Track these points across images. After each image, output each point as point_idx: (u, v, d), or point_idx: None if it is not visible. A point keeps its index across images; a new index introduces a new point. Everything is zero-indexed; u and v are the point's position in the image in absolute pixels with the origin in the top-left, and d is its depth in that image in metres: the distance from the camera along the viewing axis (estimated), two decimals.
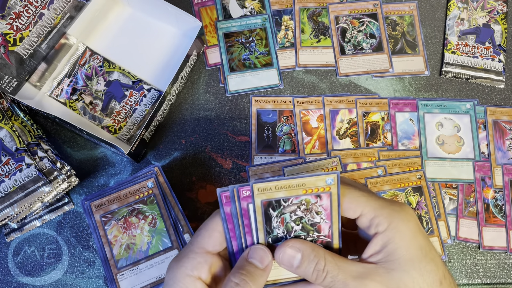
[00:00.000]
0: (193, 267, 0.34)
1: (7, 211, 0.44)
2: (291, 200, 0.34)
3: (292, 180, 0.34)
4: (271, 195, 0.34)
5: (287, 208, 0.35)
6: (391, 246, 0.32)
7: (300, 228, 0.35)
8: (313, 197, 0.34)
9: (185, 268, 0.34)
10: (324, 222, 0.35)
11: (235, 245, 0.35)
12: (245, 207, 0.34)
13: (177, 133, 0.52)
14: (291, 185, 0.34)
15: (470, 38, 0.56)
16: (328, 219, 0.35)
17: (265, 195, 0.34)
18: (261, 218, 0.34)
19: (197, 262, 0.34)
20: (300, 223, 0.35)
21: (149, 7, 0.53)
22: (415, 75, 0.54)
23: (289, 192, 0.34)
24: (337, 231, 0.36)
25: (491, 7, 0.57)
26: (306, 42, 0.55)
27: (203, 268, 0.34)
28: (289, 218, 0.35)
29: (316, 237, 0.36)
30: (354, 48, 0.55)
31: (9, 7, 0.46)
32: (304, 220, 0.35)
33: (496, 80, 0.54)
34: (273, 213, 0.35)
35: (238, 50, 0.55)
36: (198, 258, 0.34)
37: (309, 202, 0.35)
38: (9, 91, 0.47)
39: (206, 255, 0.34)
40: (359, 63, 0.55)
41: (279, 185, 0.34)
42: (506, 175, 0.50)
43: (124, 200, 0.47)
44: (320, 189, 0.34)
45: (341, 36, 0.56)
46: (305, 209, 0.35)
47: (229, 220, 0.35)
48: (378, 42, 0.55)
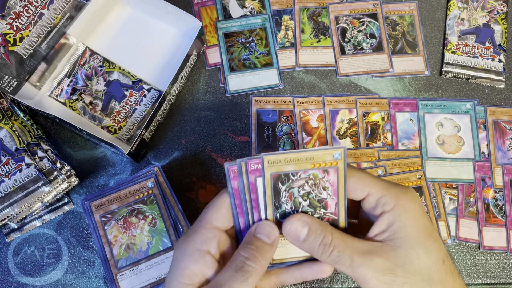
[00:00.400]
0: (203, 241, 0.34)
1: (7, 211, 0.44)
2: (299, 174, 0.35)
3: (301, 153, 0.34)
4: (281, 168, 0.34)
5: (296, 182, 0.35)
6: (397, 225, 0.33)
7: (308, 204, 0.35)
8: (320, 172, 0.35)
9: (195, 243, 0.34)
10: (331, 198, 0.35)
11: (242, 222, 0.35)
12: (253, 181, 0.35)
13: (177, 133, 0.52)
14: (300, 158, 0.34)
15: (470, 38, 0.56)
16: (334, 195, 0.35)
17: (274, 168, 0.34)
18: (270, 192, 0.35)
19: (206, 237, 0.34)
20: (307, 199, 0.35)
21: (149, 7, 0.53)
22: (415, 75, 0.54)
23: (298, 166, 0.34)
24: (343, 208, 0.36)
25: (491, 7, 0.57)
26: (306, 42, 0.55)
27: (212, 243, 0.34)
28: (297, 193, 0.35)
29: (322, 214, 0.36)
30: (354, 48, 0.55)
31: (9, 7, 0.46)
32: (311, 195, 0.35)
33: (496, 80, 0.54)
34: (281, 187, 0.35)
35: (238, 50, 0.55)
36: (207, 233, 0.34)
37: (316, 176, 0.35)
38: (9, 91, 0.47)
39: (214, 230, 0.35)
40: (359, 63, 0.55)
41: (288, 158, 0.34)
42: (506, 175, 0.50)
43: (124, 200, 0.47)
44: (327, 164, 0.34)
45: (341, 36, 0.56)
46: (313, 184, 0.35)
47: (237, 195, 0.35)
48: (378, 42, 0.55)
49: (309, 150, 0.34)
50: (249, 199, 0.35)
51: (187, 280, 0.33)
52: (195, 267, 0.34)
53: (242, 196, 0.35)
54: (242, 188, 0.35)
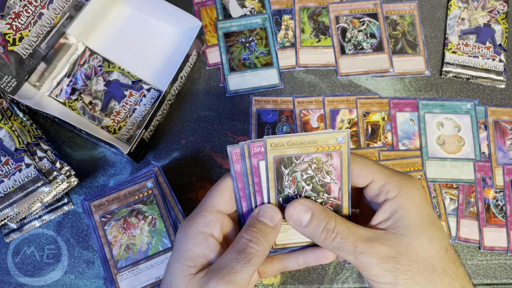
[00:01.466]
0: (206, 224, 0.34)
1: (6, 211, 0.44)
2: (302, 158, 0.34)
3: (304, 136, 0.34)
4: (284, 151, 0.34)
5: (299, 166, 0.34)
6: (401, 212, 0.33)
7: (311, 188, 0.35)
8: (324, 156, 0.34)
9: (198, 225, 0.34)
10: (334, 183, 0.35)
11: (245, 206, 0.35)
12: (256, 164, 0.34)
13: (177, 133, 0.52)
14: (303, 141, 0.34)
15: (471, 38, 0.55)
16: (338, 179, 0.35)
17: (277, 151, 0.34)
18: (273, 176, 0.34)
19: (209, 220, 0.34)
20: (310, 183, 0.35)
21: (148, 7, 0.53)
22: (416, 75, 0.54)
23: (301, 149, 0.34)
24: (346, 193, 0.35)
25: (491, 7, 0.56)
26: (306, 42, 0.55)
27: (215, 225, 0.34)
28: (300, 177, 0.35)
29: (326, 199, 0.35)
30: (355, 47, 0.55)
31: (8, 6, 0.46)
32: (314, 180, 0.35)
33: (497, 80, 0.54)
34: (284, 171, 0.34)
35: (238, 50, 0.55)
36: (210, 216, 0.34)
37: (320, 160, 0.34)
38: (8, 91, 0.47)
39: (217, 213, 0.35)
40: (359, 63, 0.54)
41: (291, 141, 0.34)
42: (507, 175, 0.50)
43: (124, 200, 0.46)
44: (331, 147, 0.34)
45: (342, 35, 0.56)
46: (316, 168, 0.35)
47: (239, 179, 0.35)
48: (379, 41, 0.55)
49: (313, 134, 0.34)
50: (252, 183, 0.35)
51: (189, 262, 0.33)
52: (197, 249, 0.34)
53: (245, 180, 0.35)
54: (245, 172, 0.34)
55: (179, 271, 0.33)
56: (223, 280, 0.31)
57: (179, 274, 0.33)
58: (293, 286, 0.47)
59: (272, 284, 0.47)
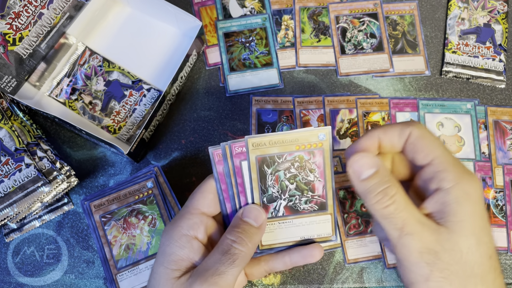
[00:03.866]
0: (189, 226, 0.34)
1: (6, 211, 0.44)
2: (285, 157, 0.34)
3: (286, 134, 0.34)
4: (265, 150, 0.34)
5: (281, 165, 0.34)
6: (454, 207, 0.30)
7: (295, 187, 0.35)
8: (306, 154, 0.34)
9: (181, 228, 0.34)
10: (318, 180, 0.35)
11: (229, 207, 0.35)
12: (238, 164, 0.34)
13: (177, 133, 0.52)
14: (284, 140, 0.34)
15: (471, 37, 0.55)
16: (321, 177, 0.35)
17: (259, 151, 0.34)
18: (256, 176, 0.34)
19: (193, 222, 0.34)
20: (294, 182, 0.35)
21: (148, 7, 0.53)
22: (416, 75, 0.54)
23: (283, 148, 0.34)
24: (331, 191, 0.35)
25: (491, 7, 0.56)
26: (306, 42, 0.55)
27: (199, 228, 0.34)
28: (283, 176, 0.35)
29: (310, 197, 0.35)
30: (355, 47, 0.55)
31: (8, 6, 0.46)
32: (298, 178, 0.35)
33: (497, 80, 0.54)
34: (267, 170, 0.34)
35: (238, 50, 0.55)
36: (193, 218, 0.34)
37: (302, 158, 0.34)
38: (8, 91, 0.47)
39: (201, 215, 0.34)
40: (359, 62, 0.54)
41: (273, 140, 0.34)
42: (507, 175, 0.50)
43: (124, 200, 0.46)
44: (312, 145, 0.34)
45: (342, 35, 0.56)
46: (299, 166, 0.35)
47: (222, 180, 0.34)
48: (379, 41, 0.55)
49: (294, 132, 0.34)
50: (235, 183, 0.34)
51: (173, 265, 0.33)
52: (181, 252, 0.33)
53: (228, 181, 0.34)
54: (228, 172, 0.34)
55: (163, 275, 0.33)
56: (207, 282, 0.31)
57: (163, 278, 0.33)
58: (293, 286, 0.47)
59: (272, 284, 0.47)
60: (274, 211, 0.36)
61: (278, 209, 0.36)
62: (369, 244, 0.48)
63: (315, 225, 0.37)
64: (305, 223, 0.36)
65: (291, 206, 0.36)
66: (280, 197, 0.35)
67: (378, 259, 0.48)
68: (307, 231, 0.37)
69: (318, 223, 0.37)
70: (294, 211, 0.36)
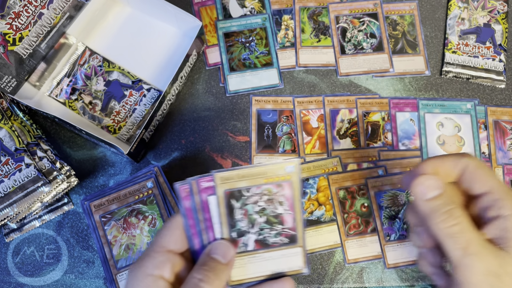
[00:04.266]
0: (154, 266, 0.33)
1: (6, 211, 0.44)
2: (253, 190, 0.34)
3: (253, 168, 0.34)
4: (233, 184, 0.34)
5: (250, 198, 0.34)
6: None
7: (264, 220, 0.35)
8: (274, 186, 0.34)
9: (146, 268, 0.33)
10: (288, 213, 0.35)
11: (197, 243, 0.35)
12: (205, 199, 0.34)
13: (177, 133, 0.52)
14: (252, 174, 0.34)
15: (471, 37, 0.55)
16: (291, 209, 0.35)
17: (227, 185, 0.34)
18: (224, 210, 0.34)
19: (159, 261, 0.33)
20: (263, 215, 0.35)
21: (148, 7, 0.53)
22: (416, 75, 0.54)
23: (251, 182, 0.34)
24: (300, 223, 0.35)
25: (491, 7, 0.56)
26: (306, 42, 0.55)
27: (165, 267, 0.33)
28: (252, 210, 0.34)
29: (280, 230, 0.35)
30: (355, 47, 0.55)
31: (8, 6, 0.46)
32: (267, 211, 0.35)
33: (497, 80, 0.54)
34: (236, 204, 0.34)
35: (238, 50, 0.55)
36: (159, 257, 0.33)
37: (271, 191, 0.34)
38: (8, 91, 0.47)
39: (167, 253, 0.34)
40: (359, 63, 0.54)
41: (240, 173, 0.34)
42: (507, 175, 0.50)
43: (124, 200, 0.46)
44: (280, 178, 0.34)
45: (342, 35, 0.56)
46: (268, 200, 0.34)
47: (189, 215, 0.34)
48: (379, 41, 0.55)
49: (261, 165, 0.34)
50: (203, 219, 0.34)
51: None
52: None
53: (195, 216, 0.34)
54: (195, 208, 0.34)
55: None
56: None
57: None
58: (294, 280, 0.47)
59: None
60: (243, 245, 0.35)
61: (248, 243, 0.35)
62: (369, 244, 0.48)
63: (286, 259, 0.36)
64: (276, 256, 0.36)
65: (261, 240, 0.36)
66: (250, 231, 0.35)
67: (378, 259, 0.48)
68: (278, 264, 0.36)
69: (288, 256, 0.36)
70: (264, 245, 0.36)
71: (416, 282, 0.47)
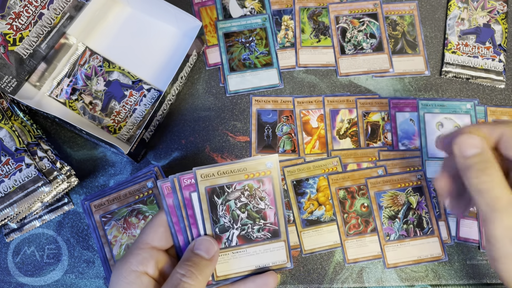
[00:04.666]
0: (138, 262, 0.33)
1: (6, 211, 0.44)
2: (234, 186, 0.35)
3: (234, 164, 0.34)
4: (214, 181, 0.34)
5: (231, 194, 0.35)
6: None
7: (246, 215, 0.35)
8: (255, 182, 0.35)
9: (130, 264, 0.33)
10: (269, 208, 0.36)
11: (181, 239, 0.35)
12: (188, 196, 0.34)
13: (177, 133, 0.52)
14: (233, 170, 0.34)
15: (471, 38, 0.55)
16: (272, 204, 0.36)
17: (208, 182, 0.34)
18: (207, 207, 0.34)
19: (142, 258, 0.34)
20: (245, 210, 0.35)
21: (149, 7, 0.53)
22: (416, 75, 0.54)
23: (232, 178, 0.35)
24: (282, 218, 0.36)
25: (491, 7, 0.57)
26: (306, 42, 0.55)
27: (149, 263, 0.33)
28: (234, 206, 0.35)
29: (262, 225, 0.36)
30: (354, 48, 0.55)
31: (8, 7, 0.46)
32: (249, 207, 0.35)
33: (497, 80, 0.54)
34: (218, 201, 0.35)
35: (238, 50, 0.55)
36: (143, 253, 0.34)
37: (252, 187, 0.35)
38: (8, 91, 0.47)
39: (151, 250, 0.34)
40: (359, 63, 0.55)
41: (221, 170, 0.34)
42: None
43: (124, 200, 0.47)
44: (261, 173, 0.35)
45: (341, 36, 0.56)
46: (249, 195, 0.35)
47: (173, 212, 0.34)
48: (379, 42, 0.55)
49: (241, 161, 0.34)
50: (186, 216, 0.34)
51: None
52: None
53: (178, 213, 0.34)
54: (178, 205, 0.34)
55: None
56: None
57: None
58: (293, 286, 0.47)
59: None
60: (227, 241, 0.36)
61: (231, 239, 0.36)
62: (369, 244, 0.48)
63: (269, 253, 0.37)
64: (259, 251, 0.37)
65: (244, 235, 0.36)
66: (232, 227, 0.35)
67: (378, 259, 0.48)
68: (262, 259, 0.37)
69: (272, 250, 0.37)
70: (248, 240, 0.36)
71: (416, 282, 0.47)
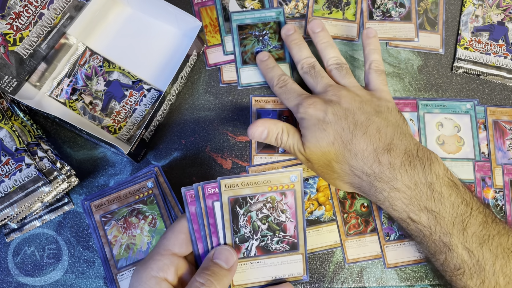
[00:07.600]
0: (159, 268, 0.33)
1: (7, 211, 0.44)
2: (257, 198, 0.35)
3: (258, 176, 0.35)
4: (238, 191, 0.35)
5: (254, 205, 0.35)
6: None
7: (267, 227, 0.36)
8: (278, 195, 0.35)
9: (151, 269, 0.34)
10: (290, 221, 0.36)
11: (201, 247, 0.35)
12: (211, 205, 0.35)
13: (177, 133, 0.52)
14: (257, 181, 0.35)
15: (484, 35, 0.56)
16: (293, 218, 0.36)
17: (232, 192, 0.34)
18: (228, 216, 0.35)
19: (163, 264, 0.34)
20: (266, 222, 0.36)
21: (149, 7, 0.53)
22: (430, 51, 0.55)
23: (255, 189, 0.35)
24: (302, 231, 0.36)
25: (506, 5, 0.57)
26: (317, 13, 0.56)
27: (169, 269, 0.34)
28: (256, 217, 0.35)
29: (282, 237, 0.36)
30: (383, 14, 0.56)
31: (9, 7, 0.46)
32: (270, 218, 0.35)
33: (507, 77, 0.54)
34: (240, 211, 0.35)
35: (252, 43, 0.55)
36: (163, 259, 0.34)
37: (274, 199, 0.35)
38: (9, 91, 0.47)
39: (172, 256, 0.34)
40: (386, 29, 0.55)
41: (245, 181, 0.34)
42: (506, 175, 0.50)
43: (124, 200, 0.47)
44: (284, 186, 0.35)
45: (371, 1, 0.56)
46: (271, 207, 0.35)
47: (194, 220, 0.35)
48: (407, 11, 0.56)
49: (266, 173, 0.35)
50: (207, 224, 0.35)
51: None
52: None
53: (200, 221, 0.35)
54: (200, 213, 0.34)
55: None
56: None
57: None
58: (293, 286, 0.47)
59: None
60: (246, 251, 0.36)
61: (250, 249, 0.36)
62: (369, 244, 0.48)
63: (287, 265, 0.37)
64: (277, 263, 0.37)
65: (263, 246, 0.36)
66: (252, 238, 0.36)
67: (377, 259, 0.48)
68: (279, 271, 0.37)
69: (289, 263, 0.37)
70: (266, 251, 0.37)
71: (415, 282, 0.48)
